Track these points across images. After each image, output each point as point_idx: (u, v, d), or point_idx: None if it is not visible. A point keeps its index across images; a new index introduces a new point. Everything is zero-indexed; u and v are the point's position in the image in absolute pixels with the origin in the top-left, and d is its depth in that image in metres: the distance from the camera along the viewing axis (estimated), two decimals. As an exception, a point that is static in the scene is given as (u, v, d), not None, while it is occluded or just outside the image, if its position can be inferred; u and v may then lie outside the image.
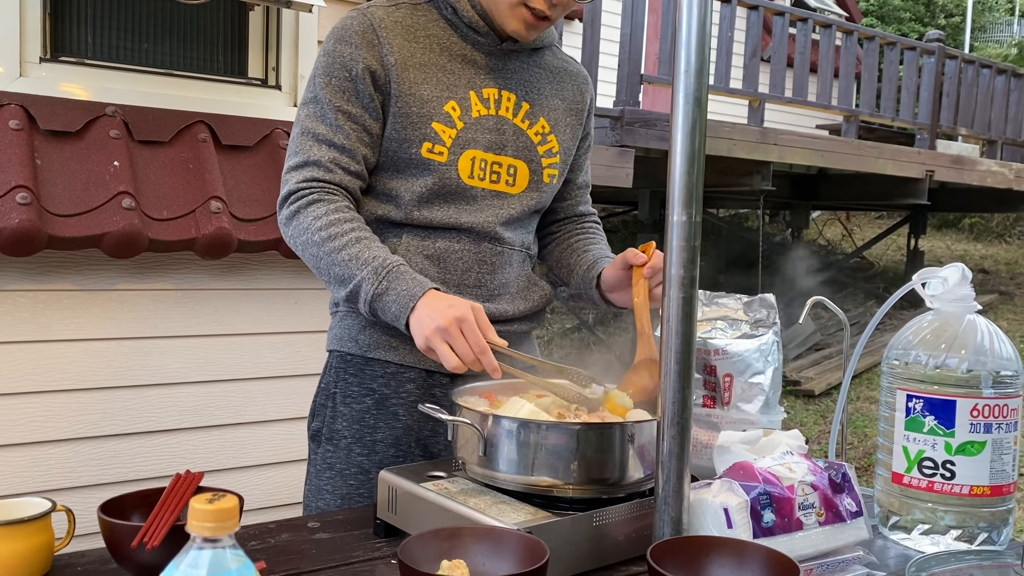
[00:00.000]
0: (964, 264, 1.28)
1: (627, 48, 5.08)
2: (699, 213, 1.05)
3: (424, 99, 1.39)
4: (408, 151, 1.40)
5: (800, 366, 6.61)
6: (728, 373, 1.41)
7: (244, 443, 2.58)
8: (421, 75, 1.39)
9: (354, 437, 1.47)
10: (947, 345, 1.26)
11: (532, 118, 1.49)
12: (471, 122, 1.42)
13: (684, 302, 1.05)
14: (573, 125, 1.57)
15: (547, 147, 1.51)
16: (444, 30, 1.44)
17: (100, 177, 2.22)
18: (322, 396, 1.53)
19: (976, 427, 1.23)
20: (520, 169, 1.48)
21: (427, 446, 1.50)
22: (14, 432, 2.26)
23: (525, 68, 1.50)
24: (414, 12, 1.44)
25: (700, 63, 1.04)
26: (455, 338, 1.22)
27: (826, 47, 6.46)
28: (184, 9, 2.58)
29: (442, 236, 1.44)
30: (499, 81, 1.46)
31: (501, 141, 1.46)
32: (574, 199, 1.67)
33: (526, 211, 1.51)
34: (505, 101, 1.46)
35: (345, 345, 1.50)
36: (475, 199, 1.44)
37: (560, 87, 1.55)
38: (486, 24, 1.43)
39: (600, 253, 1.60)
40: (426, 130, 1.39)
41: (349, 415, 1.48)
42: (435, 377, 1.49)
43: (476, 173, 1.44)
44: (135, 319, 2.39)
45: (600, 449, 1.15)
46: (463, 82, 1.43)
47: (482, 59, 1.45)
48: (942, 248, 10.85)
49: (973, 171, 7.27)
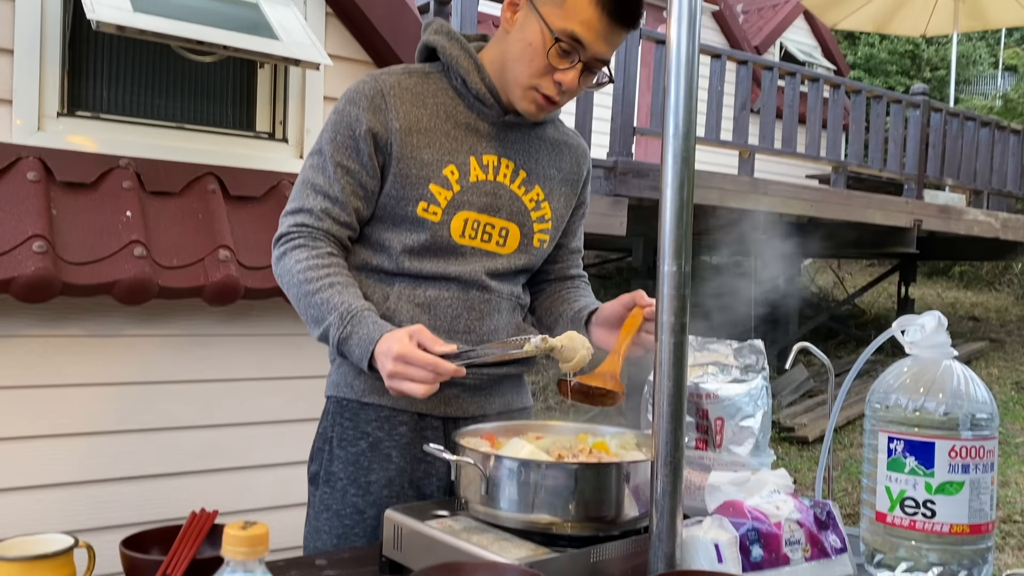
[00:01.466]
0: (955, 312, 1.35)
1: (620, 101, 5.22)
2: (688, 263, 1.12)
3: (424, 162, 1.47)
4: (404, 208, 1.48)
5: (793, 412, 6.65)
6: (719, 416, 1.47)
7: (247, 487, 2.61)
8: (424, 139, 1.48)
9: (349, 479, 1.52)
10: (925, 389, 1.32)
11: (528, 185, 1.57)
12: (468, 186, 1.50)
13: (675, 347, 1.11)
14: (567, 195, 1.64)
15: (540, 213, 1.58)
16: (452, 98, 1.52)
17: (113, 226, 2.30)
18: (320, 440, 1.59)
19: (955, 467, 1.28)
20: (512, 231, 1.55)
21: (420, 487, 1.55)
22: (21, 475, 2.30)
23: (526, 139, 1.58)
24: (425, 80, 1.52)
25: (687, 124, 1.12)
26: (407, 372, 1.27)
27: (814, 100, 6.63)
28: (196, 66, 2.69)
29: (431, 285, 1.51)
30: (499, 149, 1.54)
31: (496, 204, 1.53)
32: (566, 263, 1.74)
33: (513, 269, 1.58)
34: (504, 168, 1.54)
35: (341, 391, 1.56)
36: (463, 255, 1.52)
37: (558, 159, 1.63)
38: (492, 97, 1.51)
39: (591, 302, 1.66)
40: (423, 191, 1.47)
41: (345, 458, 1.53)
42: (427, 420, 1.55)
43: (468, 232, 1.51)
44: (142, 364, 2.45)
45: (597, 488, 1.21)
46: (464, 148, 1.50)
47: (485, 128, 1.53)
48: (932, 296, 10.95)
49: (960, 220, 7.40)
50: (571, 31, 1.39)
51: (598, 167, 5.01)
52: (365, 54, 2.90)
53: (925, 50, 16.81)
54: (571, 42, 1.40)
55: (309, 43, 2.61)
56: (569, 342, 1.38)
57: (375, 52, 2.88)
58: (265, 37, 2.53)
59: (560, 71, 1.43)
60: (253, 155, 2.72)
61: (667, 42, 1.12)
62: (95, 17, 2.18)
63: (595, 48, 1.42)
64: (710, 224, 5.88)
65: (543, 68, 1.43)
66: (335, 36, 2.87)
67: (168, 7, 2.43)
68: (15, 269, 2.08)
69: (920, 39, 15.76)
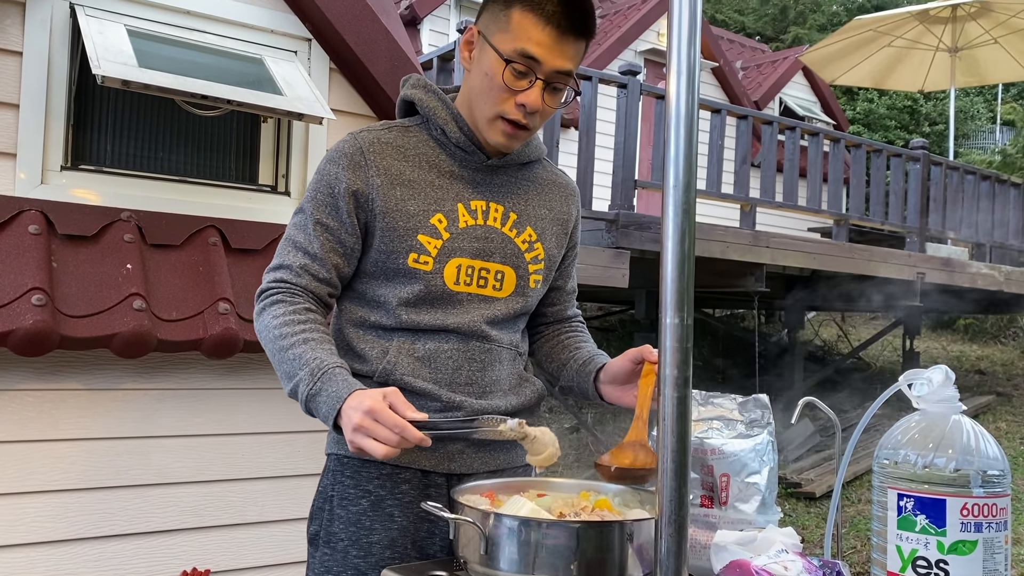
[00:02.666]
0: (960, 365, 1.33)
1: (621, 155, 5.26)
2: (690, 316, 1.11)
3: (410, 213, 1.47)
4: (396, 262, 1.47)
5: (800, 468, 6.56)
6: (725, 473, 1.44)
7: (243, 544, 2.56)
8: (408, 191, 1.48)
9: (350, 539, 1.48)
10: (935, 445, 1.29)
11: (519, 227, 1.56)
12: (458, 232, 1.49)
13: (679, 402, 1.09)
14: (559, 234, 1.64)
15: (533, 254, 1.57)
16: (433, 149, 1.53)
17: (113, 279, 2.29)
18: (320, 499, 1.55)
19: (967, 526, 1.25)
20: (507, 274, 1.54)
21: (423, 547, 1.51)
22: (14, 532, 2.25)
23: (513, 181, 1.58)
24: (405, 133, 1.53)
25: (688, 178, 1.11)
26: (373, 429, 1.25)
27: (814, 154, 6.68)
28: (200, 120, 2.71)
29: (431, 338, 1.49)
30: (486, 194, 1.54)
31: (488, 248, 1.52)
32: (562, 304, 1.73)
33: (511, 314, 1.56)
34: (493, 212, 1.54)
35: (342, 447, 1.52)
36: (460, 303, 1.50)
37: (548, 198, 1.62)
38: (472, 144, 1.52)
39: (594, 351, 1.64)
40: (412, 242, 1.47)
41: (346, 517, 1.49)
42: (430, 477, 1.52)
43: (462, 279, 1.50)
44: (139, 418, 2.42)
45: (600, 548, 1.17)
46: (451, 195, 1.51)
47: (469, 174, 1.53)
48: (937, 349, 10.90)
49: (964, 273, 7.40)
50: (521, 49, 1.40)
51: (599, 219, 5.03)
52: (368, 108, 2.93)
53: (923, 105, 17.03)
54: (524, 60, 1.40)
55: (312, 98, 2.64)
56: (542, 435, 1.38)
57: (378, 107, 2.91)
58: (269, 92, 2.55)
59: (520, 92, 1.42)
60: (255, 208, 2.72)
61: (666, 94, 1.12)
62: (100, 72, 2.20)
63: (550, 62, 1.41)
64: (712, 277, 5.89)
65: (502, 94, 1.43)
66: (338, 91, 2.90)
67: (173, 62, 2.46)
68: (13, 322, 2.07)
69: (918, 94, 15.99)
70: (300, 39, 2.87)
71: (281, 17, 2.82)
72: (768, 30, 22.28)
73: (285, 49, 2.84)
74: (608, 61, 10.67)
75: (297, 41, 2.87)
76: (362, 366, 1.49)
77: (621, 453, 1.38)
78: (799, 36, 20.50)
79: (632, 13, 11.65)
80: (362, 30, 2.80)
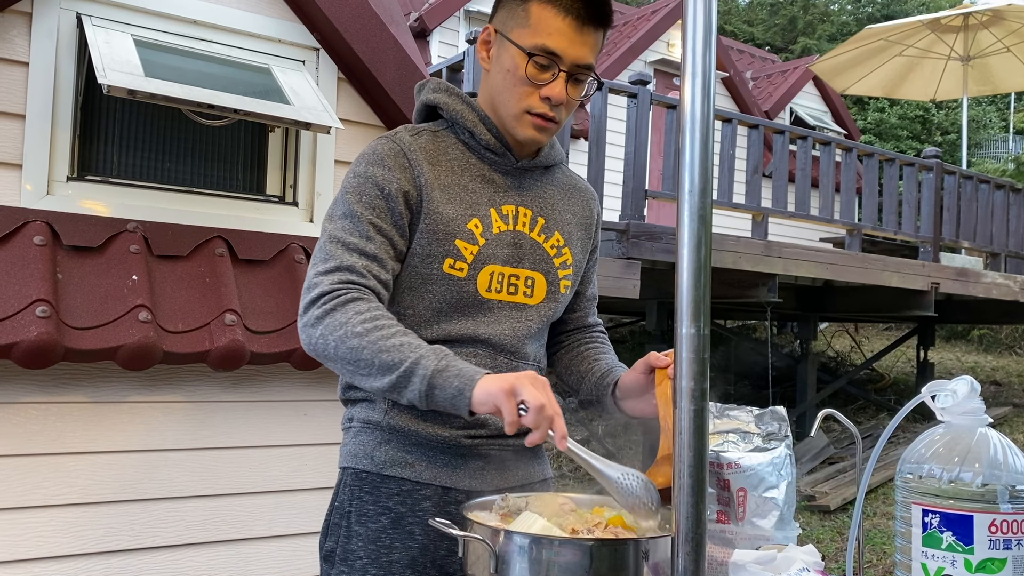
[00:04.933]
0: (976, 376, 1.29)
1: (632, 165, 5.23)
2: (707, 326, 1.07)
3: (449, 217, 1.44)
4: (430, 267, 1.43)
5: (814, 480, 6.48)
6: (742, 487, 1.39)
7: (251, 559, 2.53)
8: (445, 195, 1.45)
9: (369, 558, 1.44)
10: (960, 459, 1.25)
11: (548, 232, 1.54)
12: (492, 238, 1.47)
13: (696, 414, 1.05)
14: (583, 239, 1.62)
15: (562, 259, 1.56)
16: (463, 153, 1.50)
17: (118, 291, 2.27)
18: (336, 515, 1.50)
19: (995, 543, 1.21)
20: (538, 281, 1.52)
21: (443, 567, 1.46)
22: (19, 548, 2.23)
23: (540, 185, 1.56)
24: (435, 138, 1.50)
25: (703, 183, 1.08)
26: (531, 395, 1.19)
27: (826, 163, 6.63)
28: (207, 130, 2.70)
29: (460, 350, 1.44)
30: (516, 198, 1.52)
31: (519, 255, 1.50)
32: (583, 311, 1.70)
33: (543, 321, 1.54)
34: (522, 217, 1.51)
35: (360, 462, 1.48)
36: (491, 310, 1.47)
37: (571, 203, 1.61)
38: (502, 145, 1.49)
39: (613, 363, 1.61)
40: (449, 247, 1.43)
41: (364, 535, 1.45)
42: (451, 494, 1.47)
43: (494, 286, 1.47)
44: (145, 431, 2.39)
45: (614, 566, 1.13)
46: (484, 200, 1.48)
47: (500, 178, 1.51)
48: (952, 360, 10.80)
49: (978, 283, 7.32)
50: (542, 44, 1.39)
51: (610, 230, 4.99)
52: (376, 118, 2.91)
53: (935, 115, 16.96)
54: (546, 55, 1.40)
55: (320, 107, 2.62)
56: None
57: (386, 116, 2.89)
58: (276, 101, 2.53)
59: (544, 86, 1.41)
60: (263, 219, 2.70)
61: (681, 97, 1.09)
62: (106, 82, 2.18)
63: (571, 55, 1.40)
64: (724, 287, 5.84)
65: (526, 88, 1.42)
66: (346, 100, 2.88)
67: (179, 72, 2.44)
68: (17, 334, 2.05)
69: (930, 104, 15.92)
70: (308, 48, 2.85)
71: (289, 26, 2.81)
72: (777, 40, 22.27)
73: (293, 59, 2.82)
74: (618, 71, 10.66)
75: (305, 51, 2.85)
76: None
77: (657, 471, 1.32)
78: (808, 46, 20.47)
79: (642, 24, 11.65)
80: (371, 39, 2.78)
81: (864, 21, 20.26)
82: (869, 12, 22.11)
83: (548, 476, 1.64)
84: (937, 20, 9.47)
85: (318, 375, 2.59)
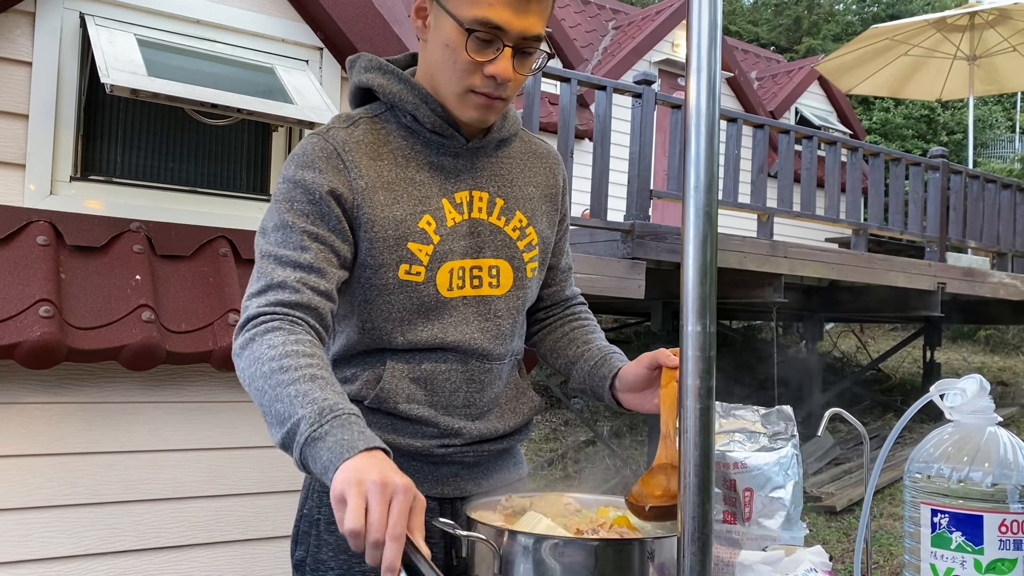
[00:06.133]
0: (982, 376, 1.27)
1: (636, 165, 5.22)
2: (713, 323, 1.06)
3: (398, 220, 1.31)
4: (384, 276, 1.32)
5: (820, 481, 6.46)
6: (748, 487, 1.38)
7: (255, 559, 2.52)
8: (391, 195, 1.31)
9: (341, 568, 1.37)
10: (969, 458, 1.23)
11: (508, 213, 1.42)
12: (446, 232, 1.35)
13: (702, 413, 1.04)
14: (549, 212, 1.50)
15: (527, 240, 1.44)
16: (406, 140, 1.36)
17: (121, 291, 2.26)
18: (305, 523, 1.42)
19: (1006, 543, 1.19)
20: (503, 268, 1.40)
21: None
22: (23, 548, 2.22)
23: (494, 163, 1.43)
24: (373, 127, 1.35)
25: (709, 179, 1.07)
26: (379, 500, 0.99)
27: (832, 163, 6.61)
28: (210, 130, 2.69)
29: (427, 358, 1.37)
30: (469, 182, 1.39)
31: (478, 244, 1.38)
32: (559, 284, 1.59)
33: (514, 312, 1.44)
34: (477, 201, 1.39)
35: None
36: (456, 309, 1.37)
37: (532, 174, 1.48)
38: (449, 126, 1.35)
39: (606, 347, 1.52)
40: (402, 252, 1.31)
41: (335, 544, 1.38)
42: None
43: (455, 283, 1.36)
44: (148, 432, 2.39)
45: (619, 567, 1.12)
46: (434, 192, 1.35)
47: (450, 162, 1.37)
48: (959, 360, 10.76)
49: (985, 283, 7.29)
50: (482, 17, 1.23)
51: (615, 230, 4.98)
52: (380, 118, 2.90)
53: (941, 114, 16.91)
54: (487, 29, 1.24)
55: (324, 107, 2.61)
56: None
57: (390, 116, 2.88)
58: (280, 101, 2.53)
59: (487, 63, 1.26)
60: (266, 218, 2.70)
61: (686, 93, 1.08)
62: (109, 81, 2.18)
63: (516, 27, 1.24)
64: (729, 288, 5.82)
65: (468, 65, 1.26)
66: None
67: (182, 72, 2.44)
68: (20, 334, 2.04)
69: (936, 103, 15.88)
70: (312, 48, 2.85)
71: (292, 26, 2.80)
72: (782, 40, 22.24)
73: (296, 58, 2.82)
74: (623, 71, 10.66)
75: (308, 50, 2.84)
76: (351, 387, 1.37)
77: (651, 482, 1.28)
78: (813, 46, 20.44)
79: (646, 24, 11.64)
80: (374, 38, 2.77)
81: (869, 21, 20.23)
82: (874, 12, 22.07)
83: (523, 476, 1.57)
84: (943, 19, 9.44)
85: (322, 375, 2.59)
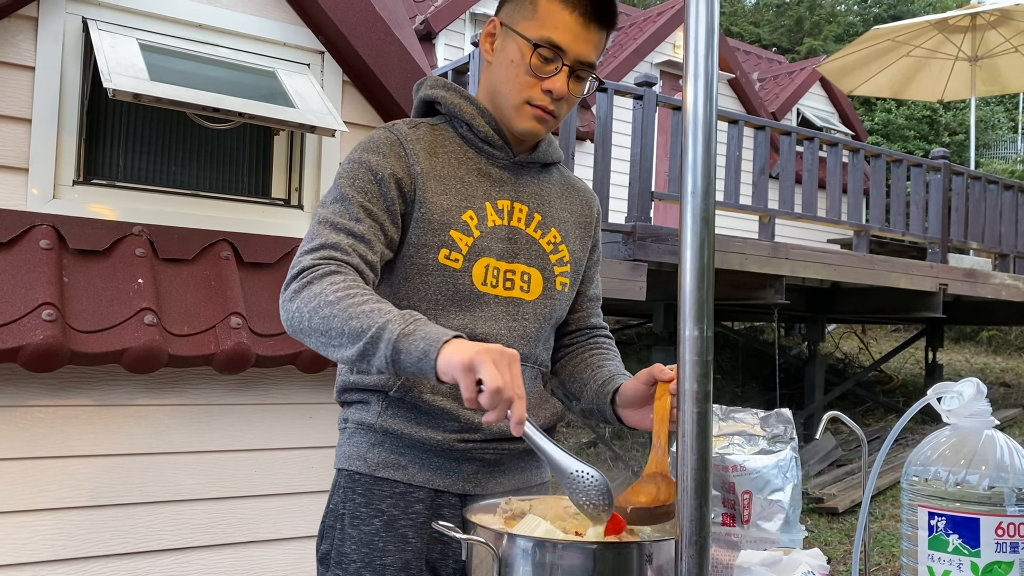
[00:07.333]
0: (985, 378, 1.28)
1: (637, 167, 5.22)
2: (711, 328, 1.06)
3: (444, 207, 1.44)
4: (425, 256, 1.43)
5: (822, 483, 6.46)
6: (747, 490, 1.39)
7: (257, 562, 2.53)
8: (441, 186, 1.45)
9: (363, 561, 1.43)
10: (966, 461, 1.24)
11: (544, 228, 1.54)
12: (487, 231, 1.46)
13: (699, 417, 1.05)
14: (582, 237, 1.61)
15: (559, 255, 1.55)
16: (460, 146, 1.51)
17: (124, 294, 2.27)
18: (331, 517, 1.50)
19: (1002, 547, 1.20)
20: (534, 276, 1.51)
21: (436, 569, 1.46)
22: (25, 551, 2.23)
23: (536, 182, 1.56)
24: (432, 131, 1.51)
25: (706, 184, 1.08)
26: (507, 365, 1.13)
27: (833, 164, 6.61)
28: (212, 134, 2.70)
29: None
30: (512, 193, 1.52)
31: (513, 250, 1.49)
32: (585, 311, 1.68)
33: (541, 319, 1.52)
34: (517, 212, 1.51)
35: (353, 463, 1.48)
36: (488, 305, 1.46)
37: (569, 201, 1.61)
38: (500, 139, 1.50)
39: (616, 370, 1.57)
40: (445, 236, 1.43)
41: (358, 538, 1.44)
42: (444, 497, 1.47)
43: (489, 280, 1.46)
44: (151, 434, 2.40)
45: (618, 569, 1.13)
46: (480, 193, 1.48)
47: (496, 172, 1.51)
48: (961, 361, 10.74)
49: (987, 284, 7.29)
50: (548, 37, 1.41)
51: (616, 232, 4.99)
52: (381, 121, 2.91)
53: (943, 115, 16.90)
54: (550, 48, 1.41)
55: (325, 110, 2.62)
56: None
57: (391, 119, 2.88)
58: (281, 105, 2.54)
59: (546, 78, 1.43)
60: (268, 222, 2.71)
61: (683, 97, 1.09)
62: (112, 86, 2.19)
63: (575, 50, 1.42)
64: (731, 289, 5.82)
65: (529, 80, 1.43)
66: (351, 103, 2.89)
67: (184, 76, 2.45)
68: (23, 337, 2.05)
69: (937, 104, 15.86)
70: (313, 52, 2.86)
71: (294, 30, 2.81)
72: (784, 41, 22.24)
73: (298, 62, 2.83)
74: (624, 73, 10.66)
75: (310, 54, 2.85)
76: (376, 378, 1.44)
77: (639, 489, 1.28)
78: (815, 47, 20.43)
79: (648, 25, 11.64)
80: (376, 43, 2.78)
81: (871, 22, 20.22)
82: (876, 13, 22.07)
83: (546, 480, 1.62)
84: (945, 20, 9.44)
85: (323, 378, 2.59)
